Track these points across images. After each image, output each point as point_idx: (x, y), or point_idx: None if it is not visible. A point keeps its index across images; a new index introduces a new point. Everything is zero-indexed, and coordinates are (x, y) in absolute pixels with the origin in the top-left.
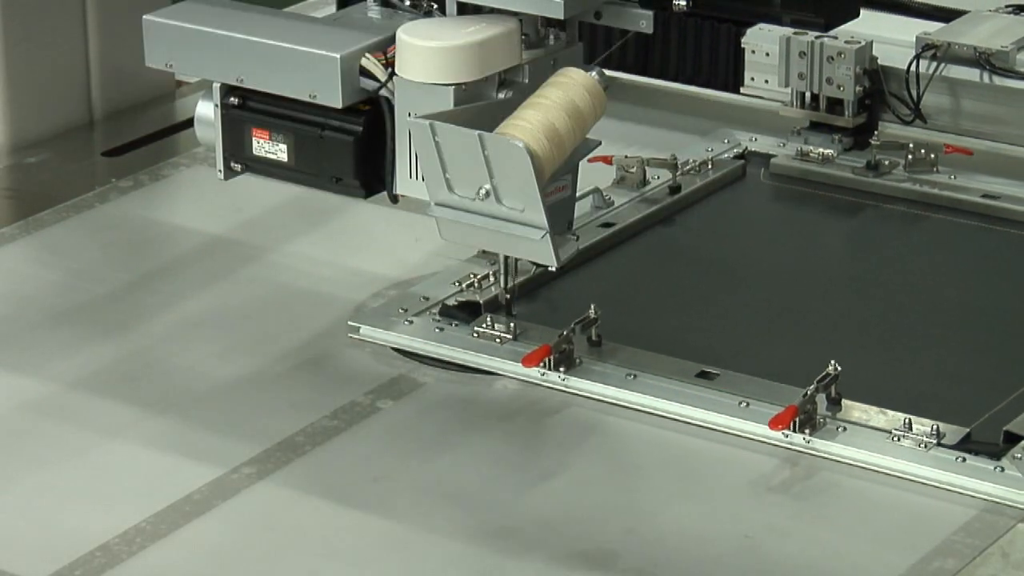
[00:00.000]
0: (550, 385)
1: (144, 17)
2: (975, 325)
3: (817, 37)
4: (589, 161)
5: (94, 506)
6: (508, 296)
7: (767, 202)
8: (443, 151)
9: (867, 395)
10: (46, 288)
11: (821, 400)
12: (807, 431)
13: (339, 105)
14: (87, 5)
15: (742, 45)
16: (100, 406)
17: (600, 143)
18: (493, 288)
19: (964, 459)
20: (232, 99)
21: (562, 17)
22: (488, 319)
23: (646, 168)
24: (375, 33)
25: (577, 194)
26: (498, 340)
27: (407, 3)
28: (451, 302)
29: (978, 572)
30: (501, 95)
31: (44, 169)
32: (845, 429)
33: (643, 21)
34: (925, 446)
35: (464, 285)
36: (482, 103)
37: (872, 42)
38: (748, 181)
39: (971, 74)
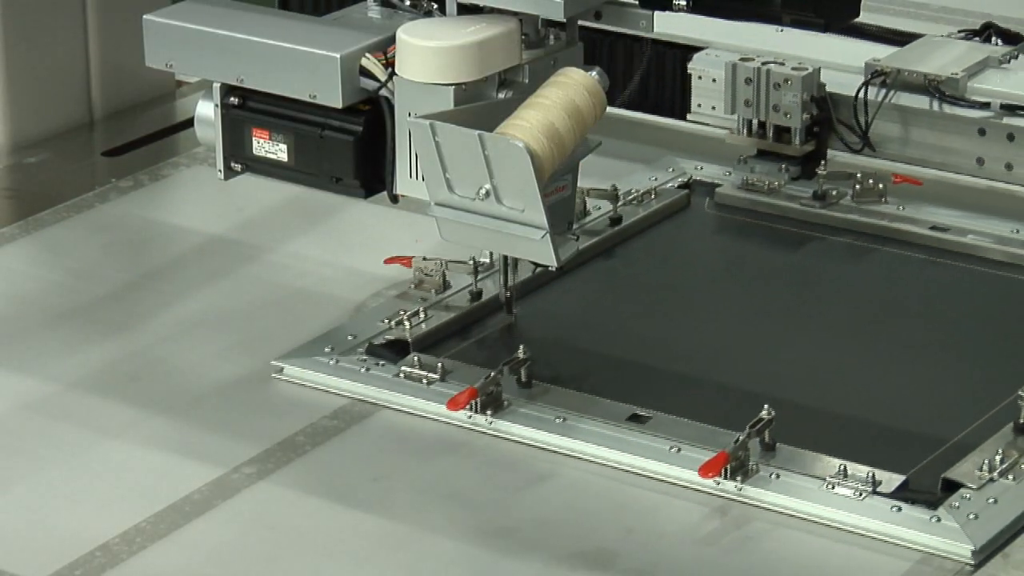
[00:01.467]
0: (477, 429)
1: (144, 17)
2: (917, 365)
3: (764, 63)
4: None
5: (94, 506)
6: (508, 295)
7: (711, 234)
8: (443, 151)
9: (803, 439)
10: (46, 288)
11: (755, 445)
12: (739, 478)
13: (339, 105)
14: (87, 5)
15: (688, 70)
16: (100, 406)
17: (600, 143)
18: (424, 325)
19: (900, 508)
20: (232, 99)
21: (562, 17)
22: (415, 359)
23: (586, 199)
24: (375, 33)
25: None
26: (424, 381)
27: (407, 3)
28: (378, 341)
29: (978, 572)
30: (501, 95)
31: (44, 169)
32: (778, 476)
33: (643, 21)
34: (860, 495)
35: (392, 323)
36: (482, 103)
37: (820, 68)
38: (692, 212)
39: (921, 102)
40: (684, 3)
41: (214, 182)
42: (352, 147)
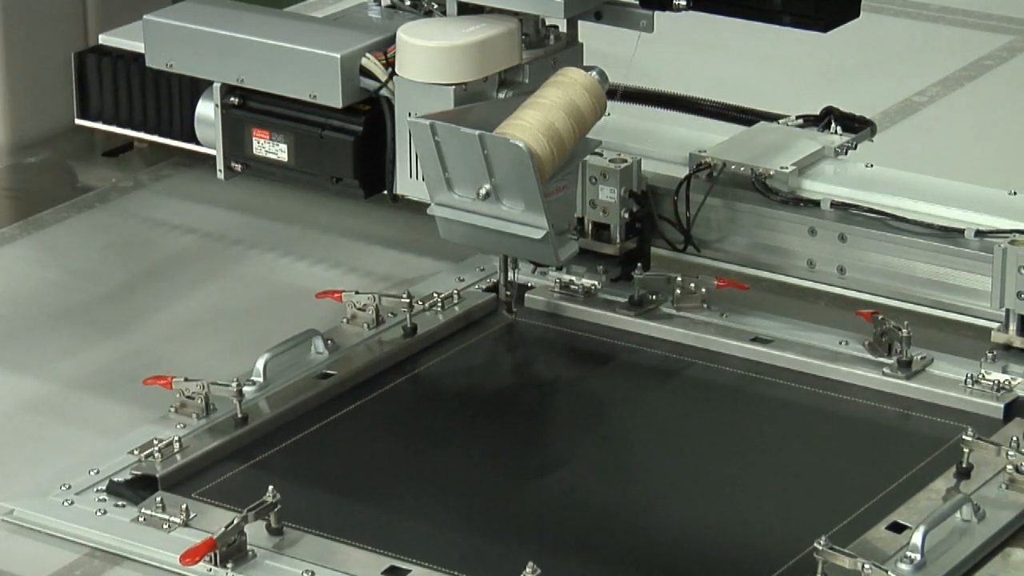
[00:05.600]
0: None
1: (144, 17)
2: (714, 504)
3: None
4: (317, 297)
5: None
6: (508, 293)
7: (514, 347)
8: (443, 151)
9: None
10: (46, 288)
11: None
12: None
13: (339, 105)
14: (87, 5)
15: None
16: (100, 406)
17: (600, 143)
18: (178, 457)
19: None
20: (232, 99)
21: (562, 17)
22: (159, 499)
23: (379, 305)
24: (375, 33)
25: (292, 339)
26: (166, 526)
27: (407, 3)
28: (119, 477)
29: (978, 572)
30: (501, 95)
31: (44, 169)
32: None
33: (643, 21)
34: None
35: (142, 455)
36: (482, 103)
37: (640, 160)
38: (498, 319)
39: (748, 198)
40: (684, 2)
41: (214, 182)
42: (352, 147)
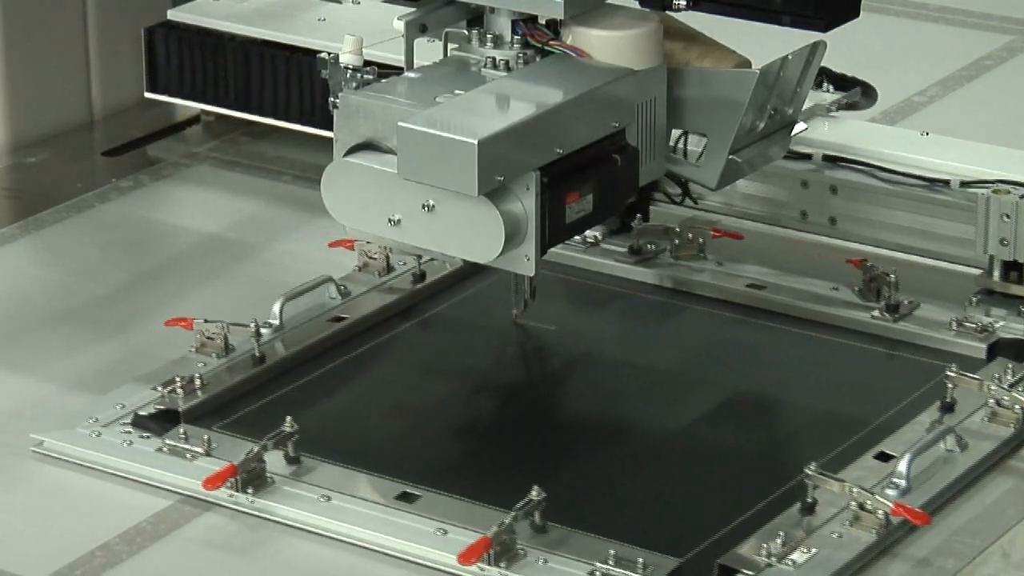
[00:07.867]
0: (239, 508)
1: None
2: (708, 437)
3: None
4: (330, 245)
5: (94, 506)
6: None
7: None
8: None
9: (582, 519)
10: (46, 288)
11: (524, 527)
12: (504, 564)
13: None
14: (87, 5)
15: None
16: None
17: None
18: (199, 393)
19: None
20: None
21: (562, 17)
22: (182, 431)
23: (389, 254)
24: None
25: (309, 284)
26: (189, 455)
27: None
28: (144, 411)
29: (978, 572)
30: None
31: (44, 169)
32: (546, 561)
33: None
34: None
35: (165, 391)
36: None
37: None
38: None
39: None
40: (684, 3)
41: (214, 182)
42: None
